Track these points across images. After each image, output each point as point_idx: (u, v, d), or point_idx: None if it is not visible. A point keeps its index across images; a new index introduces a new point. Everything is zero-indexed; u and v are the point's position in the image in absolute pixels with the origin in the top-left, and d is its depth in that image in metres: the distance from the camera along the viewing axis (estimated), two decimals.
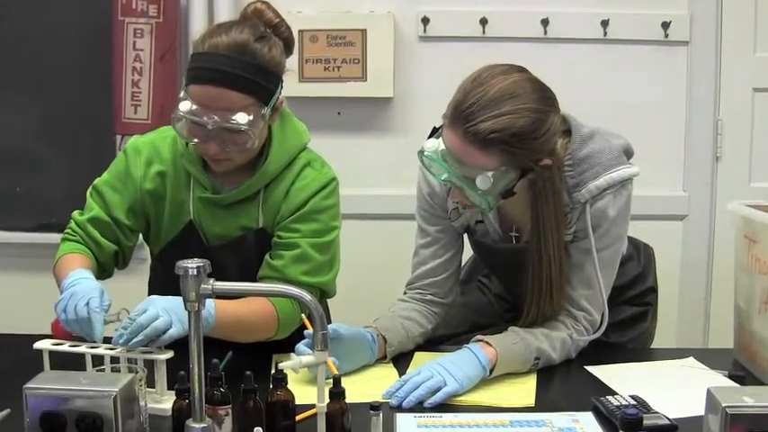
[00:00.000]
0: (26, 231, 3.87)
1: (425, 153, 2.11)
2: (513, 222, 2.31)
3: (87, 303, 2.00)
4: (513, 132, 2.01)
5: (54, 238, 3.77)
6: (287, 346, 2.21)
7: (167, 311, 1.95)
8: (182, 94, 2.13)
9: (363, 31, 3.65)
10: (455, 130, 2.04)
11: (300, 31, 3.58)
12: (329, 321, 2.37)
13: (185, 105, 2.10)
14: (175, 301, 1.95)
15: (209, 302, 2.05)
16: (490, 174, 2.04)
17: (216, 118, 2.09)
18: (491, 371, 2.11)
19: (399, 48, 3.70)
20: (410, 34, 3.73)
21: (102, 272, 2.34)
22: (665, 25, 3.66)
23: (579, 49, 3.70)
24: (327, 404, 1.72)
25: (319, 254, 2.27)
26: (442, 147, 2.08)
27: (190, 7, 3.61)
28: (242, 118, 2.10)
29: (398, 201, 3.47)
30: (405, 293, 2.45)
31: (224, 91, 2.08)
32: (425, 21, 3.69)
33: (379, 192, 3.71)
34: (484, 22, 3.66)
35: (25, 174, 3.84)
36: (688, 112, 3.75)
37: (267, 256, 2.29)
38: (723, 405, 1.54)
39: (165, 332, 1.93)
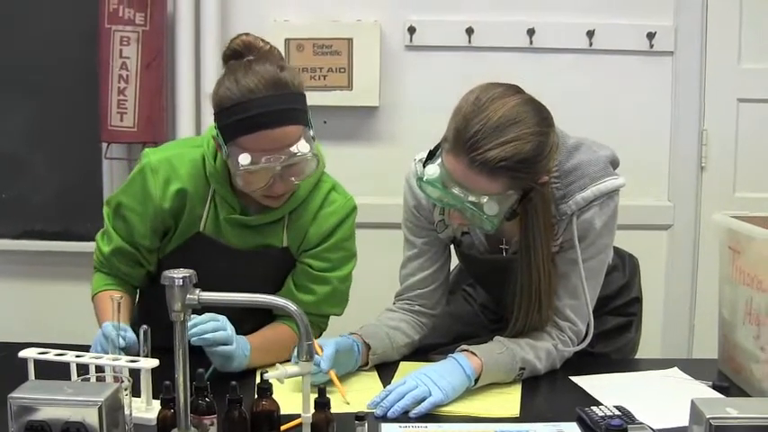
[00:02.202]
0: (10, 238, 3.87)
1: (426, 179, 2.08)
2: (501, 235, 2.31)
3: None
4: (520, 159, 1.99)
5: (39, 245, 3.84)
6: None
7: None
8: (225, 151, 2.12)
9: (350, 40, 3.66)
10: (459, 158, 2.01)
11: (287, 40, 3.58)
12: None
13: (245, 159, 2.08)
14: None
15: (245, 344, 2.18)
16: (496, 198, 2.04)
17: (282, 158, 2.09)
18: (476, 381, 2.11)
19: (385, 57, 3.71)
20: (396, 43, 3.74)
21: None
22: (651, 36, 3.68)
23: (565, 59, 3.72)
24: (313, 414, 1.71)
25: (343, 284, 2.40)
26: (439, 171, 2.07)
27: (176, 15, 3.61)
28: (304, 147, 2.12)
29: (384, 210, 3.48)
30: (394, 304, 2.45)
31: (282, 129, 2.09)
32: (412, 30, 3.70)
33: (364, 201, 3.66)
34: (470, 31, 3.67)
35: (10, 180, 3.84)
36: (673, 122, 3.78)
37: (293, 286, 2.36)
38: (707, 416, 1.54)
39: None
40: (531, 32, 3.67)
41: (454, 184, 2.05)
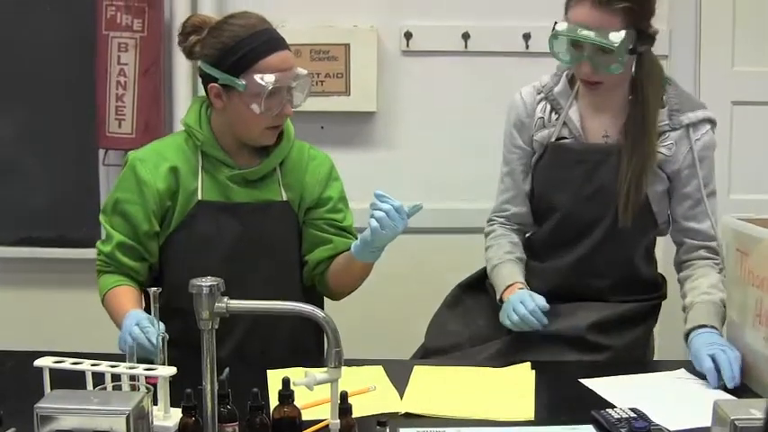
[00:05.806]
0: (6, 245, 3.84)
1: (560, 30, 2.38)
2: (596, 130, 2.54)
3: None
4: None
5: (36, 252, 3.81)
6: (280, 362, 2.26)
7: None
8: (241, 82, 2.34)
9: (347, 46, 3.66)
10: (582, 3, 2.34)
11: None
12: None
13: (270, 77, 2.34)
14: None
15: None
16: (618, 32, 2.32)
17: (296, 74, 2.42)
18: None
19: (382, 62, 3.71)
20: (393, 49, 3.74)
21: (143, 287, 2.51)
22: None
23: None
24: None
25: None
26: (566, 25, 2.37)
27: (174, 22, 3.60)
28: (302, 69, 2.46)
29: None
30: (490, 222, 2.70)
31: (286, 52, 2.42)
32: (408, 35, 3.71)
33: (362, 206, 3.69)
34: (466, 36, 3.68)
35: (7, 187, 3.82)
36: None
37: (332, 235, 2.60)
38: (732, 418, 1.56)
39: None
40: (526, 37, 3.68)
41: (582, 27, 2.35)
